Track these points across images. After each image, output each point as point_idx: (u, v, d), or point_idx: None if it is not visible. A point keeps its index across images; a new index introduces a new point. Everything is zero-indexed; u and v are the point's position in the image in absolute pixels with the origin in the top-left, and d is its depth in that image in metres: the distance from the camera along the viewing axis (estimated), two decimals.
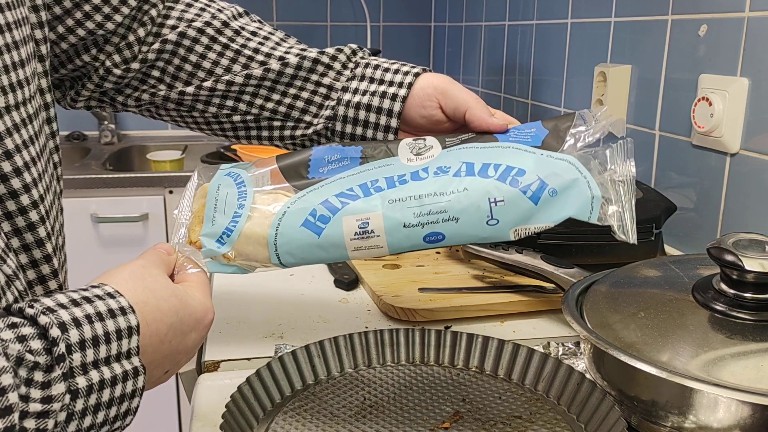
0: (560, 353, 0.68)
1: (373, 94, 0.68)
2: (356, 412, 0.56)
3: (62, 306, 0.39)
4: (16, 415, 0.34)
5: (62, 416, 0.36)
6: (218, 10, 0.72)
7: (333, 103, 0.69)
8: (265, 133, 0.72)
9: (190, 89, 0.70)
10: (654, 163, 1.09)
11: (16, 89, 0.50)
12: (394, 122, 0.67)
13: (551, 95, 1.44)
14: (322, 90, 0.69)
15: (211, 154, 1.90)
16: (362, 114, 0.68)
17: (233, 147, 1.43)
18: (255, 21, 0.74)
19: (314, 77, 0.69)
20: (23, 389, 0.35)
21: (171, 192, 1.73)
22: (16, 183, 0.48)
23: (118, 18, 0.66)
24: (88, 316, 0.39)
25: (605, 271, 0.70)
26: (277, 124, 0.71)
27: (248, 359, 0.68)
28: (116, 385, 0.39)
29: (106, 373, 0.39)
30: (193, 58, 0.69)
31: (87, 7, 0.64)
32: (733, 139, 0.90)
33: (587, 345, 0.60)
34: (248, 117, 0.71)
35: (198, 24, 0.69)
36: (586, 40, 1.29)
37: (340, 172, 0.57)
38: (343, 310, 0.81)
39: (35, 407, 0.35)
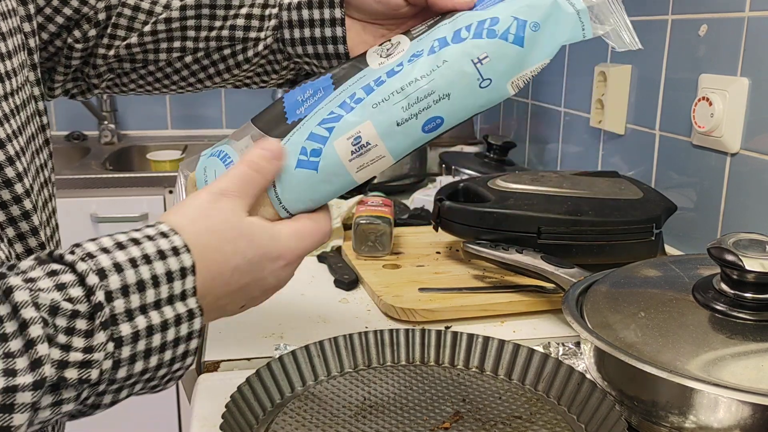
0: (560, 353, 0.68)
1: None
2: (356, 412, 0.56)
3: (105, 250, 0.37)
4: (47, 368, 0.33)
5: (107, 364, 0.35)
6: None
7: (275, 11, 0.64)
8: (221, 66, 0.67)
9: (134, 39, 0.66)
10: (654, 163, 1.09)
11: (4, 80, 0.49)
12: (337, 12, 0.61)
13: (551, 95, 1.44)
14: (259, 0, 0.65)
15: None
16: (305, 13, 0.62)
17: None
18: None
19: None
20: (63, 338, 0.34)
21: (171, 192, 1.73)
22: (9, 172, 0.48)
23: None
24: (132, 260, 0.37)
25: (605, 271, 0.70)
26: (227, 51, 0.66)
27: (248, 359, 0.68)
28: (168, 329, 0.38)
29: (155, 318, 0.37)
30: (131, 1, 0.66)
31: None
32: (733, 139, 0.90)
33: (587, 345, 0.60)
34: (199, 54, 0.67)
35: None
36: (586, 40, 1.28)
37: (318, 105, 0.53)
38: (343, 310, 0.80)
39: (76, 357, 0.34)
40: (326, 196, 0.51)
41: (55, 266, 0.36)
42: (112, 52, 0.67)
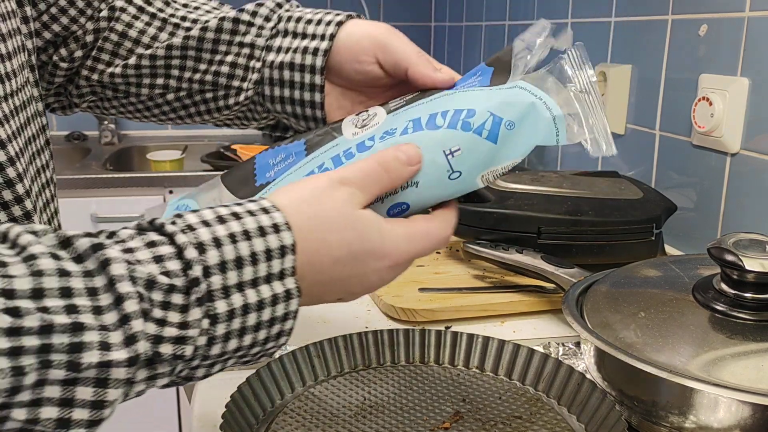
0: (560, 353, 0.68)
1: (295, 50, 0.62)
2: (356, 412, 0.56)
3: (205, 224, 0.37)
4: (141, 344, 0.32)
5: (202, 341, 0.35)
6: None
7: (259, 65, 0.64)
8: (202, 108, 0.67)
9: (118, 69, 0.66)
10: (654, 163, 1.09)
11: (5, 81, 0.49)
12: (318, 79, 0.60)
13: None
14: (245, 50, 0.64)
15: (210, 154, 1.90)
16: (287, 74, 0.62)
17: (233, 147, 1.43)
18: None
19: (237, 38, 0.64)
20: (158, 312, 0.33)
21: (171, 192, 1.73)
22: (11, 172, 0.48)
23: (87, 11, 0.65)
24: (231, 235, 0.36)
25: (605, 271, 0.70)
26: (209, 95, 0.66)
27: None
28: (264, 309, 0.37)
29: (252, 296, 0.36)
30: (119, 27, 0.66)
31: (62, 2, 0.63)
32: (734, 139, 0.90)
33: (587, 345, 0.60)
34: (181, 93, 0.66)
35: None
36: (586, 40, 1.28)
37: (288, 169, 0.51)
38: (343, 310, 0.80)
39: (171, 332, 0.34)
40: None
41: (155, 236, 0.36)
42: (95, 77, 0.67)
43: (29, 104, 0.54)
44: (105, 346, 0.31)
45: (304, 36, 0.62)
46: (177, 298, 0.34)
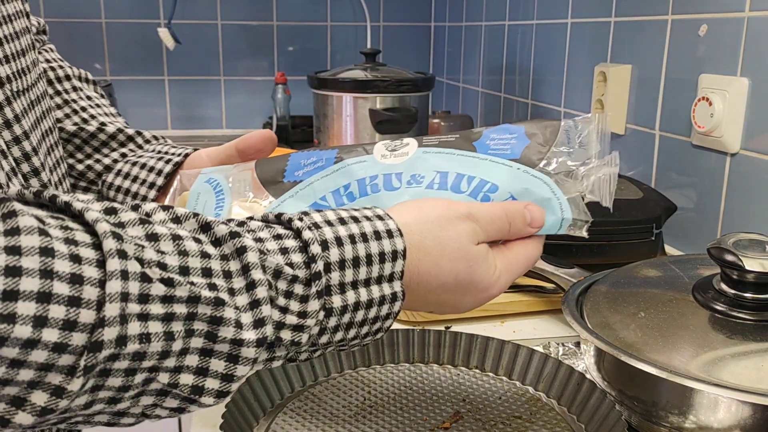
0: (560, 353, 0.68)
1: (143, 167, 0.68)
2: (356, 412, 0.56)
3: (329, 223, 0.39)
4: (268, 328, 0.35)
5: (315, 330, 0.38)
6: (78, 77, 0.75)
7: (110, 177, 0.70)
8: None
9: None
10: (654, 163, 1.09)
11: (21, 76, 0.51)
12: (160, 180, 0.65)
13: (551, 95, 1.44)
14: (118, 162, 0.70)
15: None
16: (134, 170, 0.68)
17: None
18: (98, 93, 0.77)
19: (121, 149, 0.71)
20: (282, 300, 0.36)
21: None
22: (26, 167, 0.50)
23: None
24: (351, 236, 0.39)
25: (605, 271, 0.70)
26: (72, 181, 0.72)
27: None
28: (371, 307, 0.40)
29: (363, 295, 0.39)
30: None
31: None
32: (733, 139, 0.90)
33: (587, 345, 0.60)
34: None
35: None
36: (586, 40, 1.29)
37: (314, 174, 0.54)
38: None
39: (291, 320, 0.36)
40: None
41: (281, 230, 0.38)
42: None
43: (43, 99, 0.56)
44: (239, 325, 0.34)
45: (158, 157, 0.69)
46: (299, 289, 0.37)
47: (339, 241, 0.39)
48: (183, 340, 0.32)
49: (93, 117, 0.72)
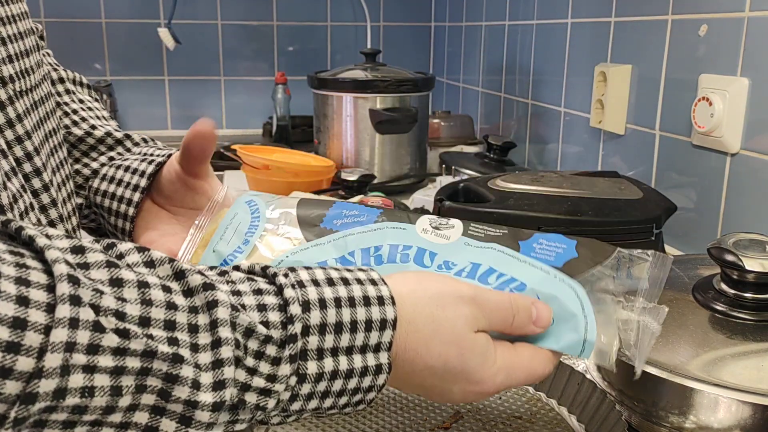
0: None
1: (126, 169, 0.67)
2: (356, 412, 0.56)
3: (315, 282, 0.37)
4: (228, 391, 0.33)
5: (286, 396, 0.35)
6: (72, 80, 0.75)
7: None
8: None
9: None
10: (654, 163, 1.09)
11: (25, 76, 0.51)
12: (143, 182, 0.64)
13: (551, 95, 1.44)
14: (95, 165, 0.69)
15: None
16: (119, 174, 0.67)
17: (233, 147, 1.43)
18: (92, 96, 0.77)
19: (108, 152, 0.71)
20: (251, 361, 0.34)
21: None
22: (28, 167, 0.50)
23: None
24: (337, 299, 0.37)
25: None
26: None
27: None
28: (351, 377, 0.37)
29: (343, 363, 0.37)
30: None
31: None
32: (734, 139, 0.90)
33: None
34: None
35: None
36: (586, 40, 1.29)
37: (351, 227, 0.53)
38: None
39: (258, 382, 0.34)
40: None
41: (264, 285, 0.36)
42: None
43: (47, 100, 0.55)
44: (195, 385, 0.32)
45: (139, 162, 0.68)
46: (271, 350, 0.34)
47: (323, 303, 0.36)
48: (132, 396, 0.31)
49: (84, 120, 0.71)
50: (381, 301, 0.38)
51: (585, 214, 0.87)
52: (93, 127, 0.71)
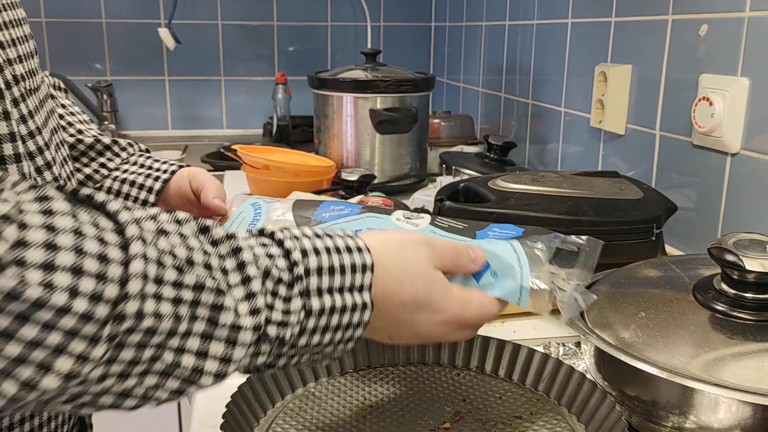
0: (561, 353, 0.68)
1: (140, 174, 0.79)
2: (356, 412, 0.56)
3: (307, 237, 0.43)
4: (262, 317, 0.38)
5: (296, 330, 0.40)
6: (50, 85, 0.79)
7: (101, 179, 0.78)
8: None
9: None
10: (654, 163, 1.09)
11: (32, 76, 0.54)
12: (152, 198, 0.76)
13: (551, 95, 1.44)
14: (104, 171, 0.78)
15: (211, 154, 1.90)
16: (125, 188, 0.78)
17: (233, 147, 1.43)
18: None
19: (99, 158, 0.78)
20: (270, 298, 0.39)
21: None
22: (40, 161, 0.52)
23: None
24: (327, 248, 0.43)
25: (605, 271, 0.70)
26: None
27: None
28: (345, 313, 0.43)
29: (338, 300, 0.42)
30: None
31: None
32: (734, 139, 0.90)
33: (588, 345, 0.60)
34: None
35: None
36: (586, 40, 1.29)
37: (339, 219, 0.63)
38: None
39: (277, 316, 0.39)
40: None
41: (266, 240, 0.42)
42: None
43: (48, 99, 0.57)
44: (237, 312, 0.37)
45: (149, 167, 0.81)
46: (282, 290, 0.40)
47: (316, 251, 0.42)
48: (187, 323, 0.35)
49: (70, 124, 0.76)
50: (359, 249, 0.45)
51: (585, 214, 0.87)
52: (80, 132, 0.76)
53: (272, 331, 0.39)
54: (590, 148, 1.29)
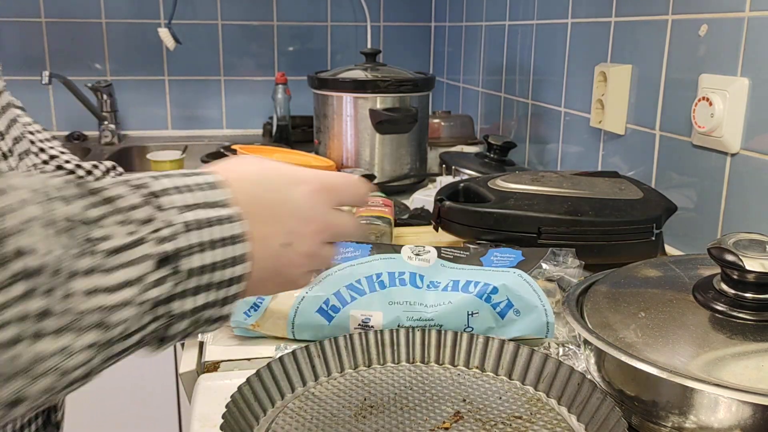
0: (561, 353, 0.68)
1: None
2: (356, 412, 0.56)
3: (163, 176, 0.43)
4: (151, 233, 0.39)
5: (182, 242, 0.40)
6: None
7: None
8: None
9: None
10: (654, 163, 1.09)
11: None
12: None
13: (551, 95, 1.44)
14: None
15: (210, 154, 1.90)
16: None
17: (233, 147, 1.43)
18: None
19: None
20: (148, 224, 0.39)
21: None
22: (12, 162, 0.50)
23: None
24: (183, 174, 0.43)
25: (605, 271, 0.70)
26: None
27: (248, 359, 0.68)
28: (213, 226, 0.41)
29: (201, 214, 0.41)
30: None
31: None
32: (734, 139, 0.90)
33: (588, 345, 0.60)
34: None
35: None
36: (586, 40, 1.29)
37: (351, 260, 0.70)
38: None
39: (164, 233, 0.39)
40: (322, 337, 0.64)
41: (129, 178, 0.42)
42: None
43: (10, 108, 0.56)
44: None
45: None
46: (139, 214, 0.39)
47: (168, 176, 0.42)
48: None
49: (42, 150, 0.75)
50: (204, 172, 0.44)
51: (585, 214, 0.87)
52: (54, 156, 0.74)
53: (168, 246, 0.39)
54: (590, 148, 1.29)
